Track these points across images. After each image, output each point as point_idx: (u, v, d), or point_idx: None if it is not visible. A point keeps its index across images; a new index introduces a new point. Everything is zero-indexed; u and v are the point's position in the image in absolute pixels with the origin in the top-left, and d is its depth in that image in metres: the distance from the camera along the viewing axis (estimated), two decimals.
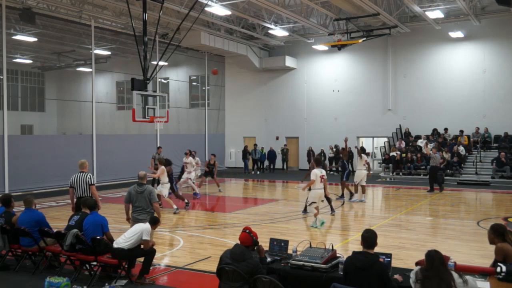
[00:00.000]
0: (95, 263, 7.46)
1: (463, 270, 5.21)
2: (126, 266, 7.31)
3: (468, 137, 24.18)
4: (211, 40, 25.15)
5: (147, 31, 14.89)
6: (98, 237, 7.22)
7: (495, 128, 23.85)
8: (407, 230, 11.47)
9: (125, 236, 7.29)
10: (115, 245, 7.22)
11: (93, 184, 9.09)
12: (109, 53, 27.64)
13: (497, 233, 5.39)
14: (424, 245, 9.19)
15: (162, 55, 16.25)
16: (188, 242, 10.31)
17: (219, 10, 20.13)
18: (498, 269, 5.01)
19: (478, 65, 24.46)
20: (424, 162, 22.88)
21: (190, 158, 17.29)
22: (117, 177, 22.04)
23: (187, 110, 29.98)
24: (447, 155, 22.64)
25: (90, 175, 9.17)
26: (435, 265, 4.41)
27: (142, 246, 7.36)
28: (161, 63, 16.47)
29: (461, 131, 24.19)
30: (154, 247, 7.58)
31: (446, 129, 24.76)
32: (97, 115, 22.71)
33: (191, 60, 29.21)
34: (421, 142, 24.29)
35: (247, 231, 5.60)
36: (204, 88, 30.06)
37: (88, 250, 7.29)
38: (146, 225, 7.41)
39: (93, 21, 21.59)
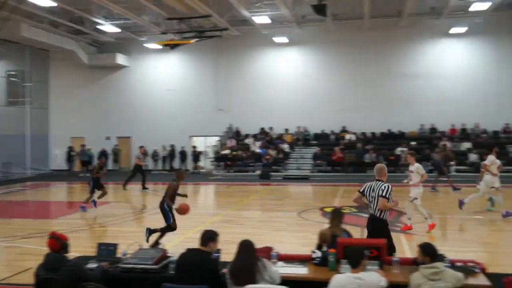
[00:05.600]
0: None
1: (285, 259, 5.65)
2: None
3: (292, 135, 26.22)
4: (33, 32, 23.09)
5: None
6: None
7: (315, 127, 26.24)
8: (238, 225, 11.96)
9: None
10: None
11: (385, 197, 6.71)
12: None
13: (332, 216, 6.39)
14: (254, 239, 9.68)
15: None
16: (4, 254, 9.34)
17: (41, 1, 18.58)
18: (314, 255, 5.53)
19: (300, 69, 26.66)
20: (253, 160, 24.13)
21: None
22: None
23: (4, 108, 27.04)
24: (273, 152, 24.20)
25: (386, 186, 6.82)
26: (240, 255, 4.78)
27: None
28: None
29: (286, 130, 26.13)
30: None
31: (271, 128, 26.49)
32: None
33: (9, 54, 26.50)
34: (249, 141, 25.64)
35: (53, 236, 5.26)
36: (25, 84, 27.49)
37: None
38: None
39: None
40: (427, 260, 4.72)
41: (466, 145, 23.47)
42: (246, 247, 4.84)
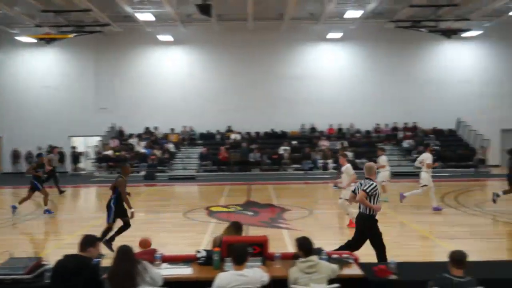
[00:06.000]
0: None
1: (169, 260, 5.59)
2: None
3: (178, 134, 26.03)
4: None
5: None
6: None
7: (201, 126, 26.32)
8: None
9: None
10: None
11: (365, 191, 6.88)
12: None
13: (229, 225, 6.12)
14: (138, 241, 9.43)
15: None
16: None
17: None
18: (199, 255, 5.53)
19: (185, 68, 26.59)
20: (137, 161, 23.50)
21: None
22: None
23: None
24: (158, 152, 23.81)
25: (372, 183, 6.94)
26: (118, 260, 4.62)
27: None
28: None
29: (172, 129, 25.87)
30: None
31: (156, 128, 26.08)
32: None
33: None
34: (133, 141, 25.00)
35: None
36: None
37: None
38: None
39: None
40: (302, 254, 4.96)
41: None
42: (123, 252, 4.68)
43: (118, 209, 9.06)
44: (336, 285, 4.78)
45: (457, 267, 4.55)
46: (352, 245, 6.96)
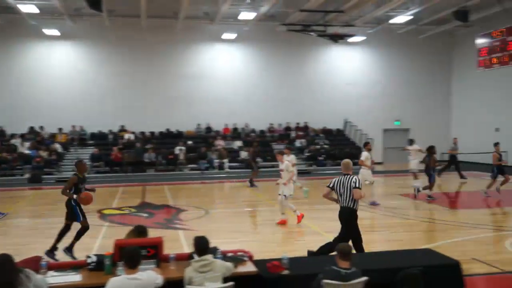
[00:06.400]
0: None
1: (57, 267, 5.27)
2: None
3: (66, 134, 24.68)
4: None
5: None
6: None
7: (92, 126, 25.18)
8: (2, 235, 10.74)
9: None
10: None
11: (360, 188, 7.17)
12: None
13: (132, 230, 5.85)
14: (19, 248, 8.80)
15: None
16: None
17: None
18: (89, 260, 5.27)
19: (74, 64, 25.31)
20: (21, 163, 21.91)
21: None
22: None
23: None
24: (45, 153, 22.41)
25: (356, 178, 7.23)
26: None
27: None
28: None
29: (60, 129, 24.48)
30: None
31: (42, 127, 24.52)
32: None
33: None
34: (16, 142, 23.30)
35: None
36: None
37: None
38: None
39: None
40: (197, 253, 4.97)
41: (238, 143, 25.36)
42: (2, 261, 4.27)
43: (79, 205, 8.36)
44: (231, 283, 4.83)
45: (344, 259, 4.83)
46: (342, 241, 7.20)
